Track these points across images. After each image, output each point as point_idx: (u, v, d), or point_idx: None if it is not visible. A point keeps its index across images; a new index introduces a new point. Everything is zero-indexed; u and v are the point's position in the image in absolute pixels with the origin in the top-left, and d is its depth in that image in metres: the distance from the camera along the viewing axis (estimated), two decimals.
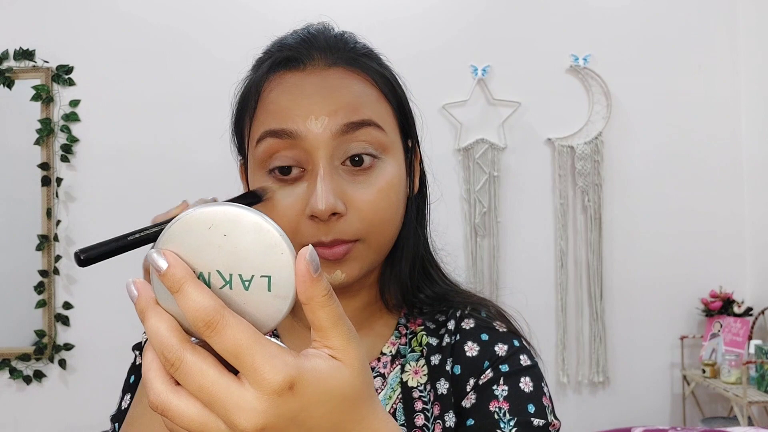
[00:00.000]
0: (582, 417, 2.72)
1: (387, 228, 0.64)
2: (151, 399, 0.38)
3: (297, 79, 0.63)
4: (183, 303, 0.37)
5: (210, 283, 0.39)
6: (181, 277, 0.38)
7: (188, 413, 0.37)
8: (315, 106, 0.61)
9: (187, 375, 0.37)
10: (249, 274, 0.39)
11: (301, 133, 0.60)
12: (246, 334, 0.37)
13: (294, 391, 0.37)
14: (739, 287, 2.71)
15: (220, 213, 0.39)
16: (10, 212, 2.83)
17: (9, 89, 2.77)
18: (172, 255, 0.38)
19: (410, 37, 2.73)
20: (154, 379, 0.38)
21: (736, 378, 2.38)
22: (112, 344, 2.26)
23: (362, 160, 0.62)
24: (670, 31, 2.77)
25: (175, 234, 0.39)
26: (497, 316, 0.71)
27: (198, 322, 0.37)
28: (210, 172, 2.59)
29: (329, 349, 0.40)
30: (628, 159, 2.75)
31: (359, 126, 0.61)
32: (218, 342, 0.37)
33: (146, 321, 0.39)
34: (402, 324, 0.71)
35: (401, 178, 0.66)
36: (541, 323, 2.68)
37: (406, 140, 0.69)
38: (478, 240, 2.72)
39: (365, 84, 0.65)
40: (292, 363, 0.37)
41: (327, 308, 0.39)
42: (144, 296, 0.39)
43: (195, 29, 2.78)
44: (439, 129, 2.71)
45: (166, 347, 0.38)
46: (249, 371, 0.37)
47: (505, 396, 0.63)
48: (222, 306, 0.37)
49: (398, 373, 0.67)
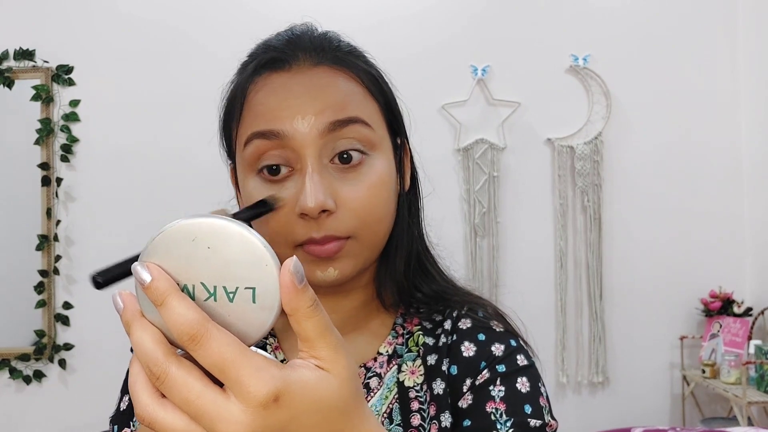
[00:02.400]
0: (582, 417, 2.72)
1: (379, 224, 0.64)
2: (138, 411, 0.38)
3: (283, 79, 0.63)
4: (167, 316, 0.37)
5: (194, 295, 0.39)
6: (165, 290, 0.38)
7: (175, 426, 0.38)
8: (301, 105, 0.61)
9: (173, 388, 0.37)
10: (233, 286, 0.39)
11: (288, 133, 0.60)
12: (230, 346, 0.37)
13: (279, 404, 0.37)
14: (738, 287, 2.71)
15: (204, 225, 0.39)
16: (10, 212, 2.83)
17: (9, 89, 2.77)
18: (155, 268, 0.38)
19: (410, 36, 2.73)
20: (141, 392, 0.38)
21: (736, 378, 2.38)
22: (112, 344, 2.26)
23: (351, 157, 0.62)
24: (670, 31, 2.77)
25: (159, 246, 0.39)
26: (494, 316, 0.71)
27: (182, 336, 0.37)
28: (210, 172, 2.59)
29: (316, 359, 0.40)
30: (628, 159, 2.75)
31: (346, 123, 0.61)
32: (202, 355, 0.37)
33: (131, 333, 0.39)
34: (399, 324, 0.71)
35: (391, 175, 0.66)
36: (541, 323, 2.68)
37: (395, 137, 0.69)
38: (478, 240, 2.72)
39: (351, 82, 0.65)
40: (277, 375, 0.37)
41: (313, 319, 0.39)
42: (129, 308, 0.39)
43: (195, 29, 2.78)
44: (439, 129, 2.71)
45: (151, 360, 0.38)
46: (234, 384, 0.37)
47: (502, 397, 0.63)
48: (206, 319, 0.37)
49: (395, 373, 0.67)
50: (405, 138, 0.72)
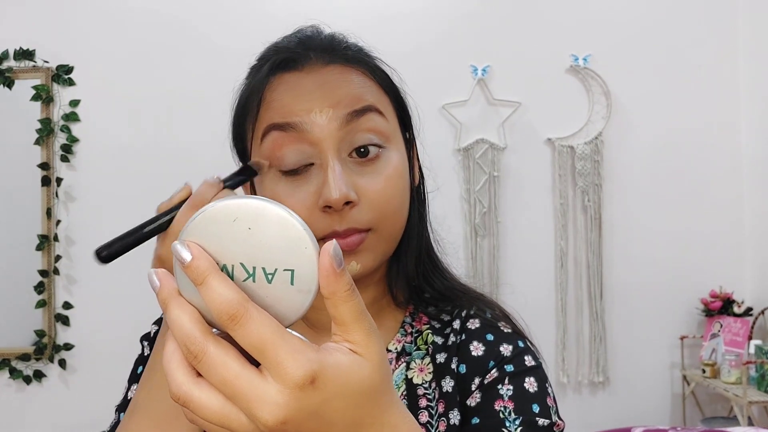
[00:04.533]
0: (582, 417, 2.72)
1: (397, 217, 0.65)
2: (173, 390, 0.38)
3: (297, 78, 0.64)
4: (207, 295, 0.37)
5: (233, 275, 0.39)
6: (205, 269, 0.38)
7: (210, 405, 0.38)
8: (318, 100, 0.62)
9: (210, 367, 0.37)
10: (272, 268, 0.39)
11: (306, 125, 0.62)
12: (269, 327, 0.37)
13: (315, 386, 0.37)
14: (739, 287, 2.71)
15: (244, 206, 0.39)
16: (10, 212, 2.83)
17: (9, 89, 2.76)
18: (196, 247, 0.38)
19: (410, 36, 2.73)
20: (176, 371, 0.38)
21: (736, 378, 2.38)
22: (112, 344, 2.26)
23: (368, 151, 0.63)
24: (670, 31, 2.77)
25: (199, 226, 0.39)
26: (502, 317, 0.72)
27: (222, 315, 0.37)
28: (210, 172, 2.59)
29: (350, 343, 0.40)
30: (628, 159, 2.76)
31: (363, 113, 0.63)
32: (242, 335, 0.37)
33: (168, 312, 0.39)
34: (407, 323, 0.72)
35: (405, 167, 0.67)
36: (541, 323, 2.68)
37: (405, 132, 0.71)
38: (478, 240, 2.73)
39: (363, 77, 0.66)
40: (314, 358, 0.37)
41: (349, 303, 0.39)
42: (166, 287, 0.39)
43: (195, 30, 2.78)
44: (439, 129, 2.71)
45: (189, 338, 0.38)
46: (272, 365, 0.37)
47: (510, 395, 0.63)
48: (246, 299, 0.38)
49: (403, 370, 0.68)
50: (413, 134, 0.73)
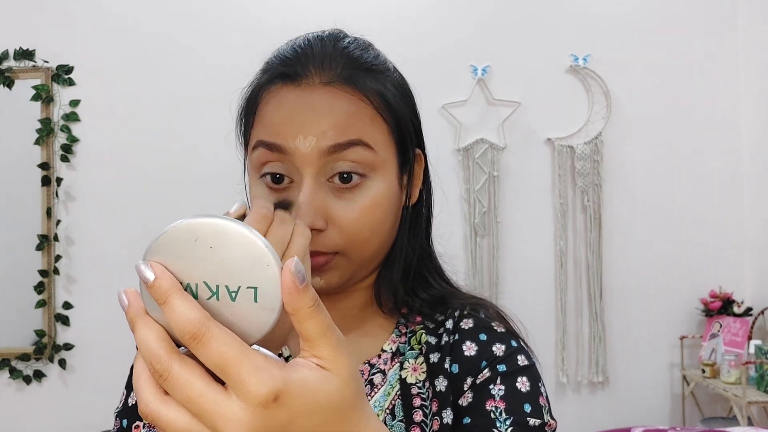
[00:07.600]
0: (582, 417, 2.72)
1: (368, 244, 0.65)
2: (141, 408, 0.39)
3: (292, 95, 0.64)
4: (169, 315, 0.38)
5: (197, 294, 0.40)
6: (168, 289, 0.38)
7: (177, 423, 0.38)
8: (305, 124, 0.62)
9: (175, 386, 0.38)
10: (236, 286, 0.39)
11: (289, 149, 0.62)
12: (231, 346, 0.37)
13: (279, 403, 0.37)
14: (738, 287, 2.71)
15: (206, 225, 0.39)
16: (10, 212, 2.84)
17: (9, 89, 2.77)
18: (158, 266, 0.39)
19: (410, 36, 2.73)
20: (144, 389, 0.39)
21: (736, 378, 2.38)
22: (112, 344, 2.26)
23: (350, 177, 0.63)
24: (669, 31, 2.77)
25: (162, 245, 0.40)
26: (496, 317, 0.72)
27: (184, 334, 0.37)
28: (210, 172, 2.60)
29: (317, 358, 0.40)
30: (628, 159, 2.76)
31: (347, 146, 0.62)
32: (204, 354, 0.37)
33: (136, 331, 0.39)
34: (402, 323, 0.72)
35: (390, 196, 0.66)
36: (541, 323, 2.68)
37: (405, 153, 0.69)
38: (478, 240, 2.72)
39: (358, 103, 0.65)
40: (277, 374, 0.38)
41: (314, 319, 0.39)
42: (134, 306, 0.40)
43: (195, 30, 2.78)
44: (439, 129, 2.71)
45: (155, 357, 0.38)
46: (235, 383, 0.37)
47: (502, 395, 0.63)
48: (208, 318, 0.38)
49: (397, 370, 0.68)
50: (423, 150, 0.73)
